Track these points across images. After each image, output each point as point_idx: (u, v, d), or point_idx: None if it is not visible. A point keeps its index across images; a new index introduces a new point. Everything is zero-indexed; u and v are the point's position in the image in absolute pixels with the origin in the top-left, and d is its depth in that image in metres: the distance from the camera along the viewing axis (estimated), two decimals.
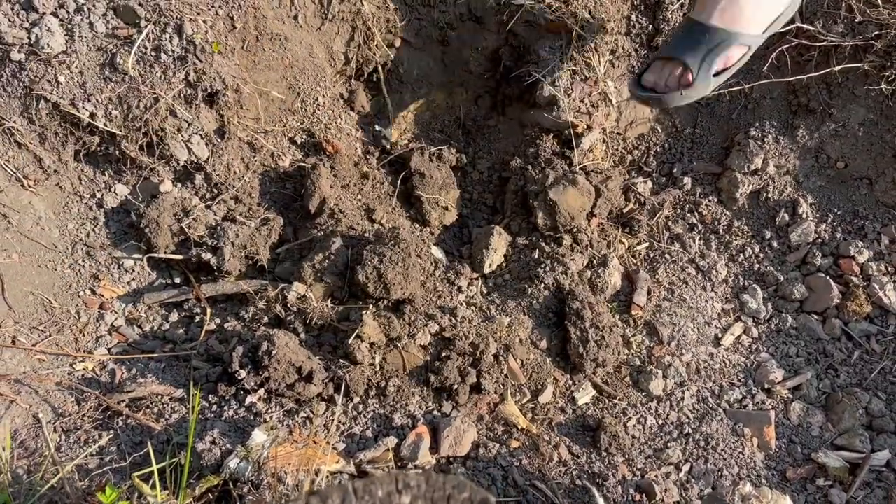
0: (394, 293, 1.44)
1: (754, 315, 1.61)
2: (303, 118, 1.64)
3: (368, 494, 0.52)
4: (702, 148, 1.78)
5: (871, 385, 1.50)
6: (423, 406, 1.39)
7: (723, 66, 1.41)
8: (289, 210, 1.64)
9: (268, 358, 1.32)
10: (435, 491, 0.53)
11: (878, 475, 1.38)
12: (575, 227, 1.63)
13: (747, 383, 1.51)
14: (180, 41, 1.46)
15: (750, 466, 1.38)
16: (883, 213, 1.66)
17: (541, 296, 1.55)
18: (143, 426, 1.30)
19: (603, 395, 1.48)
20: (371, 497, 0.52)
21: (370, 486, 0.53)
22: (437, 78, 1.80)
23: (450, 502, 0.52)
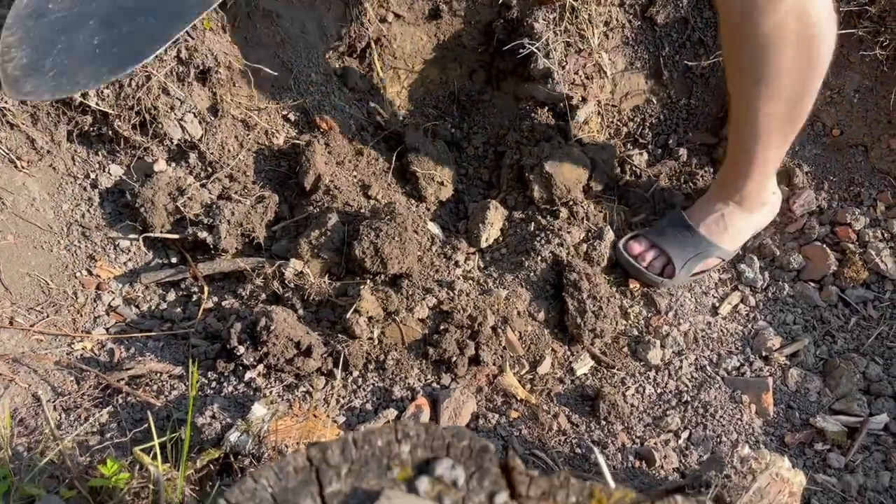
0: (391, 267, 1.44)
1: (751, 284, 1.61)
2: (296, 95, 1.63)
3: (368, 444, 0.52)
4: (697, 118, 1.78)
5: (869, 350, 1.51)
6: (423, 378, 1.39)
7: (702, 269, 1.60)
8: (284, 188, 1.63)
9: (266, 333, 1.32)
10: (434, 440, 0.53)
11: (876, 438, 1.39)
12: (571, 199, 1.63)
13: (745, 351, 1.52)
14: None
15: (748, 432, 1.39)
16: (878, 180, 1.66)
17: (538, 268, 1.55)
18: (143, 403, 1.30)
19: (601, 366, 1.48)
20: (370, 446, 0.52)
21: (370, 437, 0.53)
22: (431, 53, 1.80)
23: (449, 450, 0.52)
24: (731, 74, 1.35)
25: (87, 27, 1.33)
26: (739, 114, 1.39)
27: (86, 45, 1.31)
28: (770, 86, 1.27)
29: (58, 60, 1.30)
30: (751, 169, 1.49)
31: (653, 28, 1.73)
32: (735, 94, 1.37)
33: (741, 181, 1.52)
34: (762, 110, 1.33)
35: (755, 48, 1.22)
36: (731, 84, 1.37)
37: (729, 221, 1.56)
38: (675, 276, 1.56)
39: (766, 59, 1.23)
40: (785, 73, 1.25)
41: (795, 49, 1.21)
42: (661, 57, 1.74)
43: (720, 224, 1.56)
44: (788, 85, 1.27)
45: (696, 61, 1.72)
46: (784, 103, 1.31)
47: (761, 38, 1.19)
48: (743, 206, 1.55)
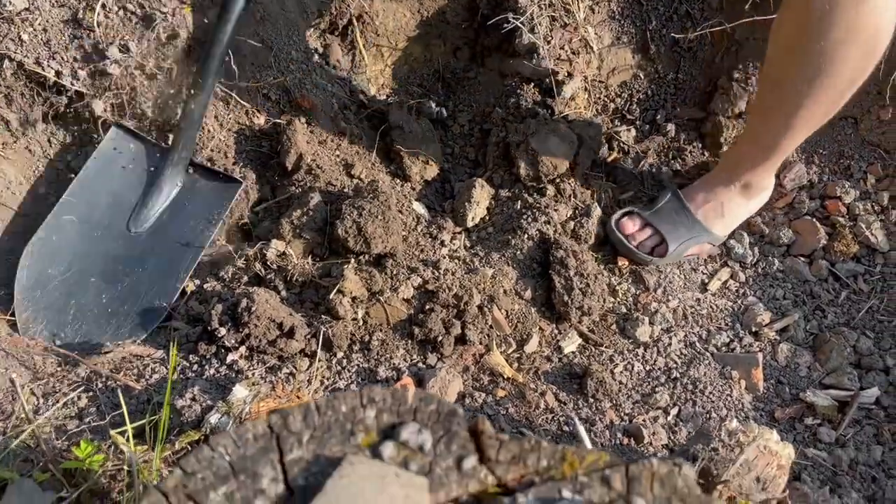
0: (374, 247, 1.41)
1: (741, 260, 1.59)
2: (277, 74, 1.60)
3: (332, 409, 0.50)
4: (685, 93, 1.76)
5: (859, 324, 1.49)
6: (408, 359, 1.37)
7: (693, 254, 1.59)
8: (266, 168, 1.60)
9: (248, 314, 1.30)
10: (401, 404, 0.51)
11: (867, 412, 1.37)
12: (558, 176, 1.60)
13: (734, 327, 1.50)
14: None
15: (738, 408, 1.37)
16: (868, 152, 1.64)
17: (524, 246, 1.52)
18: (123, 387, 1.28)
19: (589, 343, 1.46)
20: (334, 412, 0.50)
21: (333, 402, 0.50)
22: (414, 30, 1.76)
23: (416, 414, 0.50)
24: (785, 67, 1.28)
25: (90, 285, 1.40)
26: (779, 106, 1.34)
27: (96, 305, 1.39)
28: (831, 79, 1.24)
29: (76, 327, 1.37)
30: (770, 160, 1.46)
31: (639, 1, 1.70)
32: (781, 86, 1.31)
33: (754, 169, 1.49)
34: (811, 104, 1.29)
35: (830, 42, 1.17)
36: (778, 75, 1.31)
37: (727, 208, 1.54)
38: (665, 257, 1.54)
39: (837, 54, 1.19)
40: (850, 68, 1.22)
41: (866, 45, 1.19)
42: (647, 31, 1.71)
43: (718, 210, 1.54)
44: (848, 79, 1.25)
45: (683, 34, 1.69)
46: (835, 97, 1.28)
47: (841, 32, 1.16)
48: (745, 192, 1.53)
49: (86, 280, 1.40)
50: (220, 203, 1.47)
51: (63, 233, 1.43)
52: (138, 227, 1.46)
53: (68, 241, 1.43)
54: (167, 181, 1.47)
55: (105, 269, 1.42)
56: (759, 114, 1.45)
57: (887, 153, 1.63)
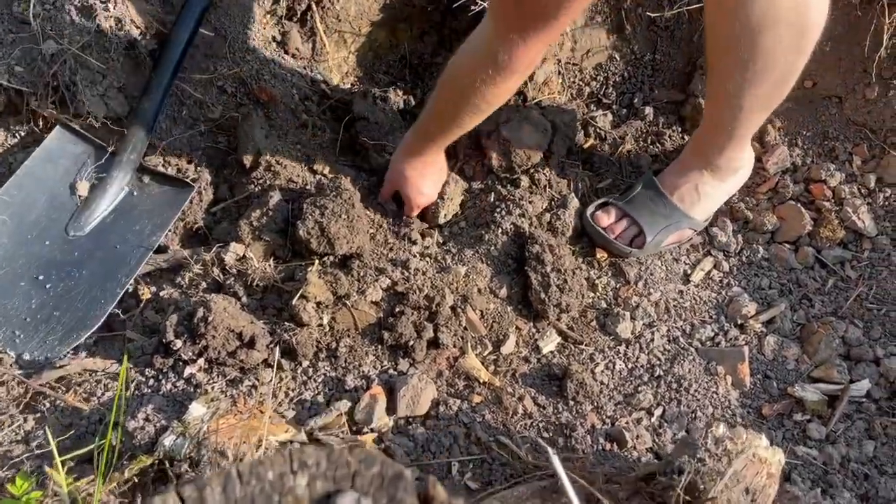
0: (339, 248, 1.33)
1: (724, 248, 1.53)
2: (232, 64, 1.51)
3: (256, 478, 0.43)
4: (663, 75, 1.68)
5: (847, 313, 1.44)
6: (378, 365, 1.30)
7: (674, 241, 1.52)
8: (223, 165, 1.52)
9: (204, 325, 1.22)
10: (338, 468, 0.43)
11: (858, 406, 1.32)
12: (531, 166, 1.53)
13: (719, 319, 1.44)
14: None
15: (725, 406, 1.32)
16: (854, 133, 1.58)
17: (499, 242, 1.45)
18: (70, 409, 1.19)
19: (568, 342, 1.40)
20: (259, 481, 0.43)
21: (258, 469, 0.43)
22: (378, 14, 1.67)
23: (356, 480, 0.43)
24: (718, 56, 1.26)
25: (18, 289, 1.31)
26: (721, 93, 1.31)
27: (25, 311, 1.30)
28: (760, 68, 1.21)
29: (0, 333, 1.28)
30: (729, 142, 1.42)
31: None
32: (719, 73, 1.29)
33: (717, 152, 1.44)
34: (749, 91, 1.26)
35: (750, 31, 1.15)
36: (715, 64, 1.29)
37: (702, 191, 1.47)
38: (644, 247, 1.47)
39: (759, 43, 1.17)
40: (778, 56, 1.20)
41: (789, 33, 1.16)
42: (622, 10, 1.63)
43: (693, 194, 1.48)
44: (779, 67, 1.22)
45: (659, 13, 1.61)
46: (772, 84, 1.26)
47: (757, 22, 1.13)
48: (717, 174, 1.47)
49: (14, 284, 1.32)
50: (170, 207, 1.38)
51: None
52: (78, 231, 1.37)
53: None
54: (113, 184, 1.38)
55: (37, 272, 1.33)
56: (709, 99, 1.41)
57: (873, 133, 1.56)
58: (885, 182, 1.54)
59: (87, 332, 1.28)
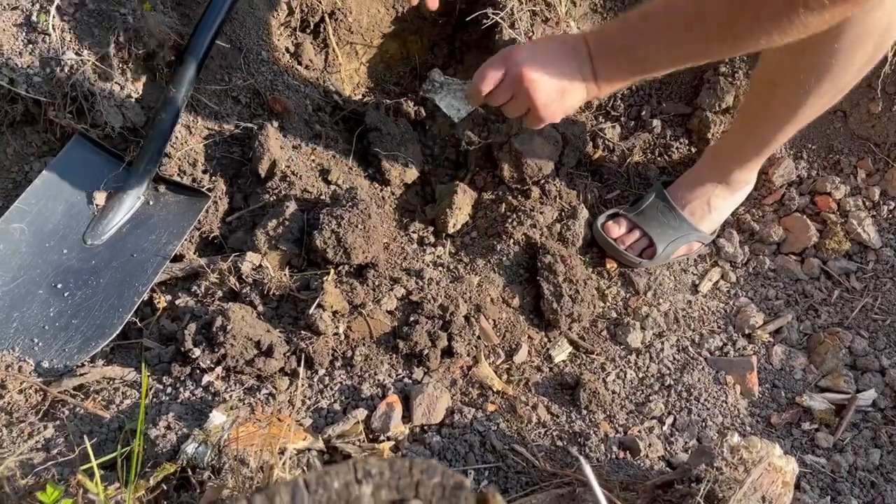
0: (355, 258, 1.35)
1: (731, 259, 1.56)
2: (246, 75, 1.52)
3: (322, 487, 0.44)
4: (670, 88, 1.71)
5: (853, 323, 1.46)
6: (393, 374, 1.31)
7: (683, 253, 1.55)
8: (238, 175, 1.53)
9: (223, 334, 1.23)
10: (400, 478, 0.45)
11: (864, 415, 1.35)
12: (542, 178, 1.55)
13: (727, 329, 1.46)
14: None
15: (734, 415, 1.34)
16: (858, 146, 1.61)
17: (510, 252, 1.47)
18: (92, 416, 1.20)
19: (580, 351, 1.42)
20: (326, 490, 0.44)
21: (324, 478, 0.45)
22: (389, 26, 1.70)
23: (419, 489, 0.45)
24: (790, 67, 1.24)
25: (36, 297, 1.32)
26: (781, 102, 1.30)
27: (43, 319, 1.31)
28: (840, 77, 1.21)
29: (19, 341, 1.28)
30: (762, 153, 1.44)
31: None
32: (784, 85, 1.27)
33: (743, 164, 1.46)
34: (816, 100, 1.26)
35: (845, 43, 1.14)
36: (780, 76, 1.27)
37: (713, 204, 1.50)
38: (654, 259, 1.49)
39: (850, 54, 1.16)
40: (860, 66, 1.20)
41: (874, 46, 1.16)
42: None
43: (705, 207, 1.51)
44: (851, 81, 1.23)
45: None
46: (840, 92, 1.26)
47: (855, 33, 1.12)
48: (731, 187, 1.50)
49: (33, 292, 1.33)
50: (185, 217, 1.39)
51: (11, 241, 1.35)
52: (95, 240, 1.38)
53: (16, 250, 1.35)
54: (130, 193, 1.39)
55: (55, 281, 1.34)
56: (754, 110, 1.40)
57: (878, 147, 1.60)
58: (889, 195, 1.57)
59: (105, 341, 1.29)
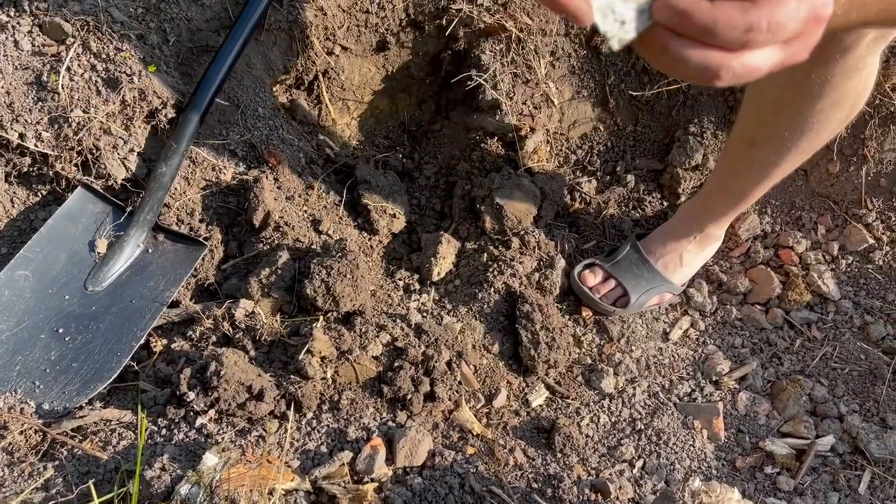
0: (343, 306, 1.43)
1: (700, 308, 1.64)
2: (243, 130, 1.61)
3: None
4: (644, 145, 1.81)
5: (814, 371, 1.55)
6: (378, 417, 1.38)
7: (656, 303, 1.63)
8: (233, 225, 1.61)
9: (216, 378, 1.30)
10: None
11: (823, 460, 1.42)
12: (522, 229, 1.64)
13: (696, 376, 1.54)
14: (111, 59, 1.42)
15: (701, 458, 1.41)
16: (818, 203, 1.71)
17: (491, 300, 1.55)
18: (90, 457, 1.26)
19: (556, 396, 1.49)
20: None
21: None
22: (379, 84, 1.79)
23: None
24: (771, 126, 1.30)
25: (39, 341, 1.39)
26: (760, 161, 1.36)
27: (45, 362, 1.37)
28: (820, 135, 1.27)
29: (21, 384, 1.35)
30: (736, 210, 1.52)
31: (598, 57, 1.75)
32: (765, 143, 1.33)
33: (716, 220, 1.55)
34: (789, 160, 1.32)
35: (827, 104, 1.20)
36: (761, 135, 1.33)
37: (685, 259, 1.60)
38: (627, 308, 1.58)
39: (828, 116, 1.22)
40: (833, 127, 1.27)
41: (851, 106, 1.23)
42: (606, 85, 1.76)
43: (677, 261, 1.60)
44: (827, 138, 1.29)
45: (640, 90, 1.75)
46: (816, 149, 1.32)
47: (836, 96, 1.18)
48: (702, 242, 1.59)
49: (35, 336, 1.39)
50: (183, 264, 1.47)
51: (15, 288, 1.42)
52: (96, 286, 1.45)
53: (20, 296, 1.42)
54: (130, 242, 1.47)
55: (57, 325, 1.41)
56: (731, 169, 1.47)
57: (836, 204, 1.70)
58: (847, 250, 1.67)
59: (103, 384, 1.35)
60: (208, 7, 1.54)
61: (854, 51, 1.08)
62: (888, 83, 1.57)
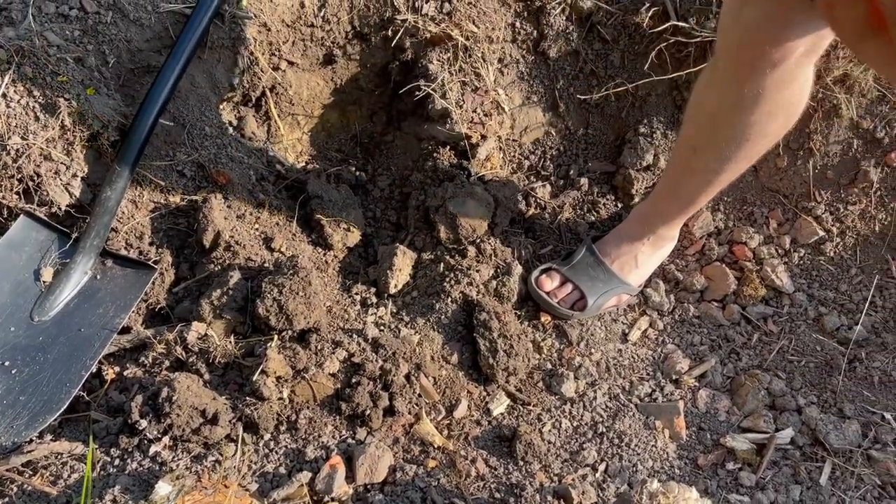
0: (297, 324, 1.41)
1: (658, 308, 1.65)
2: (190, 150, 1.59)
3: None
4: (596, 148, 1.82)
5: (772, 365, 1.56)
6: (337, 435, 1.36)
7: (614, 304, 1.64)
8: (184, 246, 1.58)
9: (168, 404, 1.27)
10: None
11: (784, 453, 1.43)
12: (477, 237, 1.63)
13: (656, 376, 1.55)
14: (48, 84, 1.39)
15: (663, 458, 1.41)
16: (769, 198, 1.73)
17: (448, 310, 1.54)
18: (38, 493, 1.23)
19: (517, 403, 1.48)
20: None
21: None
22: (329, 97, 1.78)
23: None
24: (711, 135, 1.33)
25: None
26: (702, 167, 1.39)
27: None
28: (757, 144, 1.30)
29: None
30: (686, 213, 1.54)
31: (546, 62, 1.75)
32: (706, 150, 1.36)
33: (668, 223, 1.57)
34: (735, 164, 1.35)
35: (761, 115, 1.22)
36: (702, 142, 1.36)
37: (640, 260, 1.60)
38: (585, 311, 1.58)
39: (766, 125, 1.25)
40: (770, 138, 1.30)
41: (786, 116, 1.26)
42: (556, 90, 1.77)
43: (632, 262, 1.61)
44: (766, 147, 1.32)
45: (589, 93, 1.75)
46: (752, 162, 1.36)
47: (769, 107, 1.21)
48: (657, 243, 1.60)
49: None
50: (133, 289, 1.44)
51: None
52: (42, 316, 1.42)
53: None
54: (77, 269, 1.43)
55: (2, 358, 1.37)
56: (675, 174, 1.50)
57: (786, 198, 1.72)
58: (798, 243, 1.69)
59: (53, 416, 1.32)
60: (148, 27, 1.52)
61: (783, 64, 1.10)
62: (829, 77, 1.59)
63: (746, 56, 1.12)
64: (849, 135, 1.64)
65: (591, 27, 1.72)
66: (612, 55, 1.73)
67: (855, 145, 1.65)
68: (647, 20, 1.65)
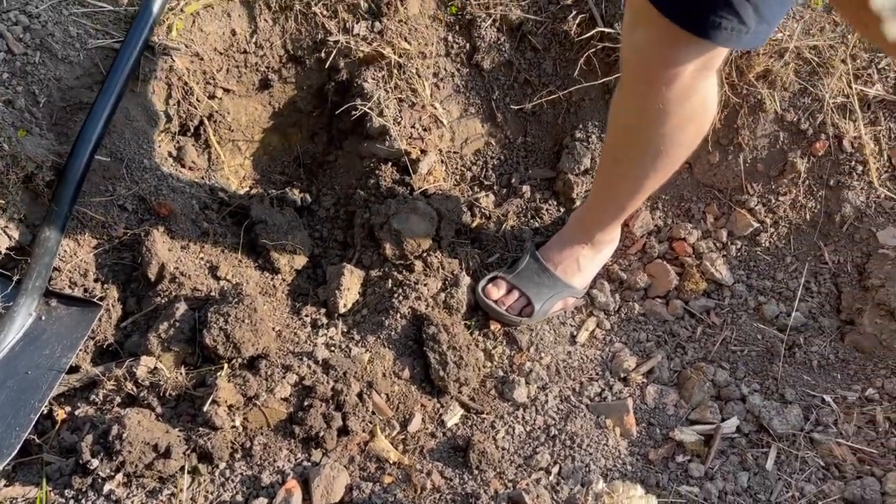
0: (245, 351, 1.42)
1: (604, 308, 1.68)
2: (130, 184, 1.59)
3: None
4: (535, 155, 1.85)
5: (716, 357, 1.60)
6: (292, 459, 1.38)
7: (561, 308, 1.66)
8: (131, 281, 1.58)
9: (119, 441, 1.27)
10: None
11: (731, 442, 1.47)
12: (423, 252, 1.65)
13: (605, 375, 1.58)
14: None
15: (615, 456, 1.44)
16: (704, 193, 1.77)
17: (398, 326, 1.56)
18: None
19: (471, 412, 1.51)
20: None
21: None
22: (268, 121, 1.79)
23: None
24: (626, 146, 1.39)
25: None
26: (623, 177, 1.45)
27: None
28: (669, 157, 1.36)
29: None
30: (618, 219, 1.59)
31: (481, 74, 1.78)
32: (623, 161, 1.42)
33: (603, 228, 1.61)
34: (653, 176, 1.41)
35: (670, 127, 1.27)
36: (620, 154, 1.42)
37: (582, 263, 1.64)
38: (533, 316, 1.61)
39: (674, 138, 1.30)
40: (685, 147, 1.35)
41: (697, 126, 1.31)
42: (492, 100, 1.80)
43: (574, 266, 1.64)
44: (683, 155, 1.38)
45: (524, 102, 1.79)
46: (673, 169, 1.41)
47: (676, 120, 1.25)
48: (597, 247, 1.64)
49: None
50: (78, 328, 1.44)
51: None
52: None
53: None
54: (20, 311, 1.43)
55: None
56: (604, 183, 1.55)
57: (721, 192, 1.77)
58: (735, 235, 1.74)
59: (3, 462, 1.31)
60: (77, 64, 1.52)
61: (678, 81, 1.15)
62: (751, 73, 1.64)
63: (643, 74, 1.18)
64: (774, 128, 1.70)
65: (522, 37, 1.76)
66: (545, 63, 1.77)
67: (781, 138, 1.70)
68: (575, 27, 1.69)
